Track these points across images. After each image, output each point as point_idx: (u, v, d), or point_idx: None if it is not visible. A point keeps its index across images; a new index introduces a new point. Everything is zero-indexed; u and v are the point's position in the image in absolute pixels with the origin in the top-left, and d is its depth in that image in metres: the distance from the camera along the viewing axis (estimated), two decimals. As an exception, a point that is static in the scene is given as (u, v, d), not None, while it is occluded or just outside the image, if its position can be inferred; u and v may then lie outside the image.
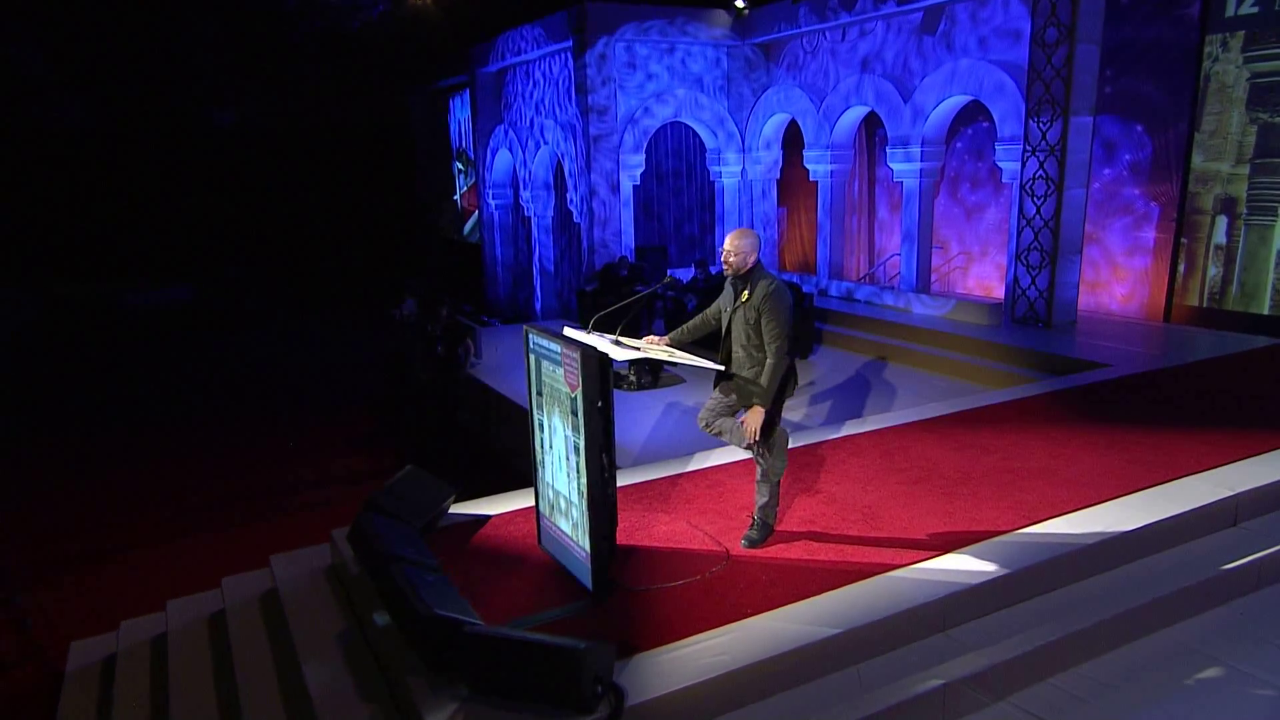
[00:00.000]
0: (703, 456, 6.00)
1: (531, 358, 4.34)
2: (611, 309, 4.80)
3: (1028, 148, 9.89)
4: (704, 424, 4.60)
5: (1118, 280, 11.47)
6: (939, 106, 11.31)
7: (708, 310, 4.64)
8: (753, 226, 15.22)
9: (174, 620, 5.39)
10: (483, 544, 4.75)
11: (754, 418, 4.27)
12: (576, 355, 3.82)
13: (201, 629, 5.24)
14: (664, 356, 4.26)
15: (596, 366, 3.82)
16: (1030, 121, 9.82)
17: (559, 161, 15.34)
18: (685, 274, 14.07)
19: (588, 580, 4.07)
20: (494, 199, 18.17)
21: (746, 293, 4.33)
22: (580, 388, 3.84)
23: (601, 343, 4.04)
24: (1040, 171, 9.78)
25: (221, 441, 11.50)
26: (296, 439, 11.43)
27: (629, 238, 14.03)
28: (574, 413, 3.95)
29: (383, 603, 3.95)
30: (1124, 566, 4.55)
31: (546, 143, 15.18)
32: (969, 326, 10.51)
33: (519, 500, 5.29)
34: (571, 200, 14.43)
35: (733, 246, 4.33)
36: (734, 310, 4.41)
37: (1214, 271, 10.20)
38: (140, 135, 24.57)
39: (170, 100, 24.65)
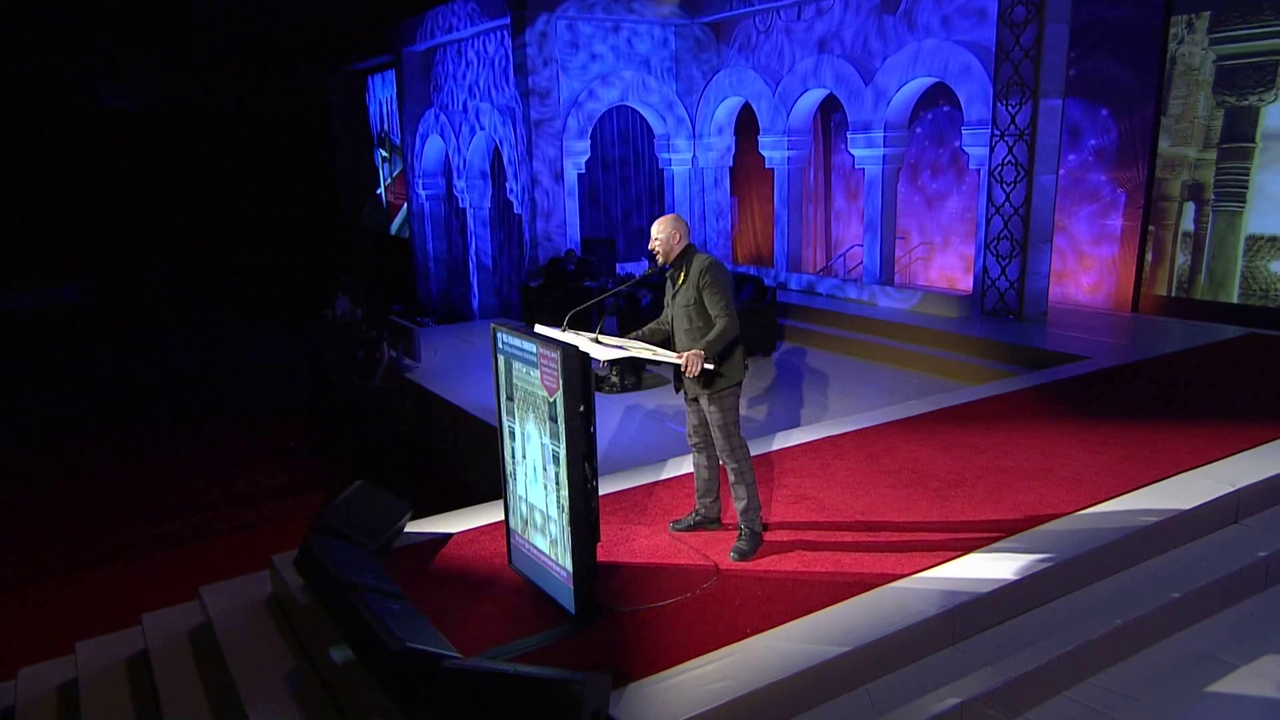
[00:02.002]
0: (676, 463, 5.89)
1: (501, 359, 4.16)
2: (590, 303, 4.65)
3: (996, 132, 10.04)
4: (693, 443, 4.67)
5: (1084, 270, 11.75)
6: (902, 89, 11.42)
7: (660, 317, 4.62)
8: (705, 217, 15.20)
9: (85, 665, 5.03)
10: (446, 566, 4.55)
11: (694, 358, 4.15)
12: (556, 356, 3.66)
13: (119, 674, 4.90)
14: (648, 355, 4.13)
15: (579, 367, 3.68)
16: (998, 104, 9.97)
17: (496, 148, 15.07)
18: (636, 268, 13.99)
19: (569, 603, 3.91)
20: (424, 189, 17.79)
21: (682, 275, 4.36)
22: (560, 391, 3.69)
23: (580, 341, 3.89)
24: (1009, 157, 9.94)
25: (125, 460, 10.95)
26: (212, 454, 10.95)
27: (574, 230, 13.85)
28: (553, 419, 3.78)
29: (342, 636, 3.73)
30: (1130, 569, 4.58)
31: (483, 128, 14.91)
32: (938, 319, 10.63)
33: (483, 515, 5.11)
34: (511, 190, 14.19)
35: (657, 233, 4.37)
36: (674, 298, 4.40)
37: (1182, 260, 10.50)
38: (13, 113, 23.23)
39: (49, 74, 23.34)
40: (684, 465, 5.82)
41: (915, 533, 4.72)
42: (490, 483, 8.69)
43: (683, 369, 4.19)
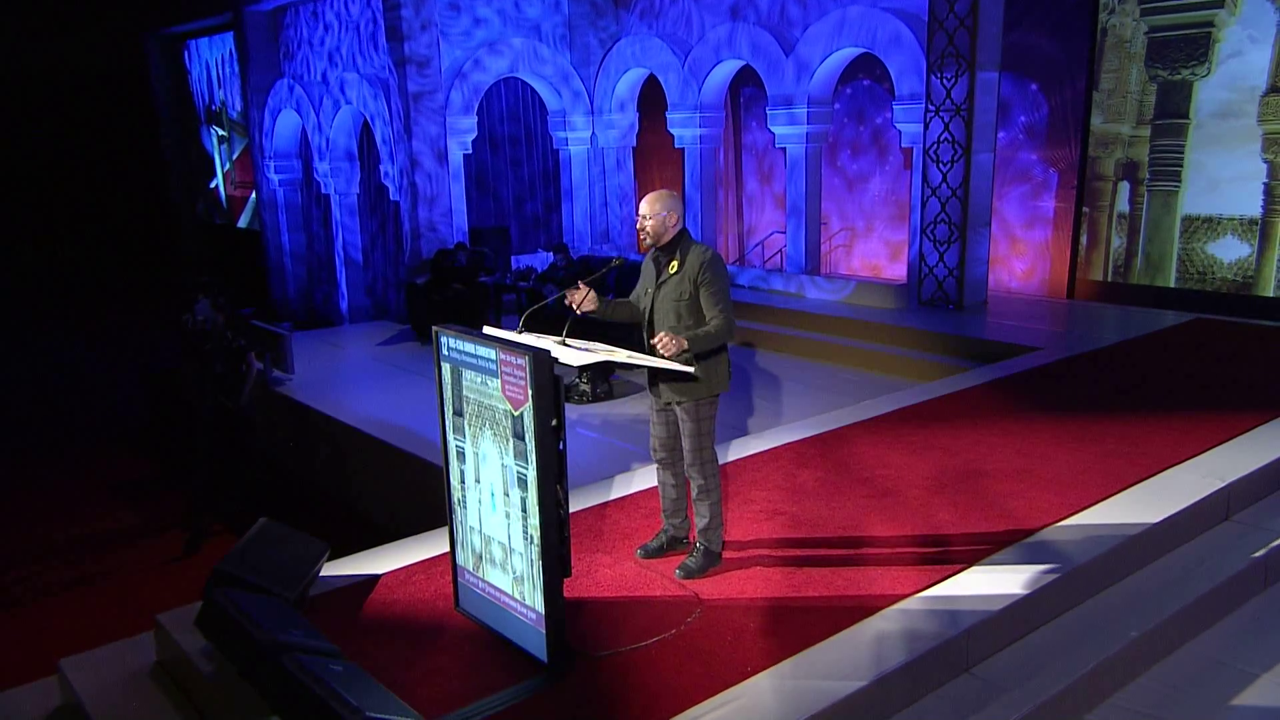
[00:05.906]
0: (625, 480, 5.75)
1: (446, 367, 3.93)
2: (546, 302, 4.46)
3: (930, 107, 10.31)
4: (658, 459, 4.56)
5: (1017, 255, 12.22)
6: (826, 61, 11.60)
7: (631, 295, 4.52)
8: (606, 203, 15.09)
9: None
10: (379, 614, 4.28)
11: (672, 340, 4.00)
12: (524, 362, 3.47)
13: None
14: (622, 359, 3.98)
15: (550, 375, 3.50)
16: (932, 77, 10.24)
17: (366, 125, 14.55)
18: (535, 260, 13.77)
19: (539, 649, 3.72)
20: (277, 173, 17.03)
21: (675, 264, 4.25)
22: (530, 403, 3.50)
23: (544, 344, 3.71)
24: (946, 134, 10.22)
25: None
26: (36, 493, 10.12)
27: (461, 218, 13.51)
28: (519, 436, 3.59)
29: (274, 709, 3.41)
30: (1132, 576, 4.72)
31: (349, 102, 14.37)
32: (873, 311, 10.85)
33: (412, 551, 4.84)
34: (386, 173, 13.72)
35: (648, 210, 4.24)
36: (659, 287, 4.28)
37: (1118, 243, 11.05)
38: None
39: None
40: (634, 481, 5.69)
41: (904, 547, 4.72)
42: (386, 511, 8.34)
43: (653, 342, 4.03)
